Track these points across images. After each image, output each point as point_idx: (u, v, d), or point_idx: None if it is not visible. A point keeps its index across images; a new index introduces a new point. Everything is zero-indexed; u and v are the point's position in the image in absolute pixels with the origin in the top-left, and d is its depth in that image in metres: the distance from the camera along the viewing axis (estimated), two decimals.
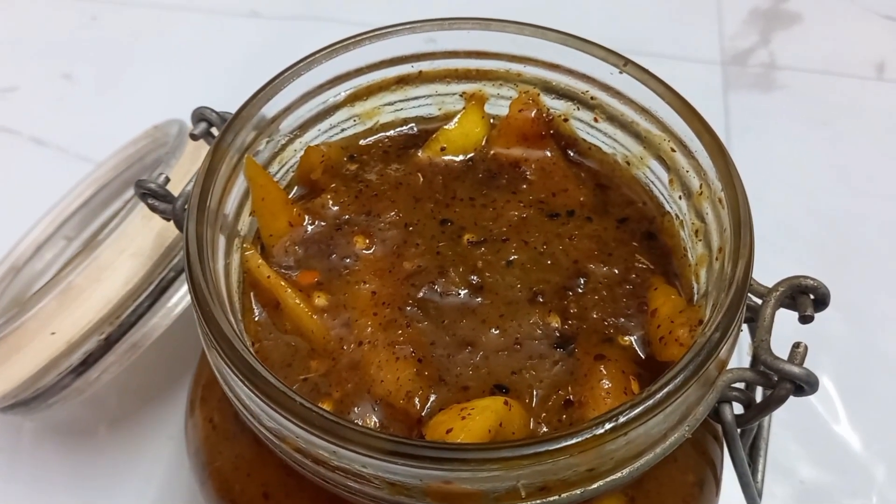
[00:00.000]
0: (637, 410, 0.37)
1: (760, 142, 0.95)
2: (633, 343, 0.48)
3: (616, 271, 0.51)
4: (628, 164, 0.55)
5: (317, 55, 0.52)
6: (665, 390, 0.37)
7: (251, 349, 0.46)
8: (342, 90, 0.55)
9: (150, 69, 1.04)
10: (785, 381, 0.40)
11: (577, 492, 0.38)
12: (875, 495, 0.69)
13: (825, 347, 0.75)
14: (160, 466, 0.71)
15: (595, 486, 0.39)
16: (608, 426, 0.36)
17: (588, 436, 0.36)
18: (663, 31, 1.09)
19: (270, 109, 0.51)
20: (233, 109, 0.51)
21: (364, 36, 0.53)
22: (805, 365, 0.40)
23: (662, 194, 0.53)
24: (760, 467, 0.50)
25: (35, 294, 0.57)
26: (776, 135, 0.95)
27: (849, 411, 0.73)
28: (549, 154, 0.56)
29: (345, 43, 0.52)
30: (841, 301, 0.44)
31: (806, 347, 0.41)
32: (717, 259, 0.45)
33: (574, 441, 0.36)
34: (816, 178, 0.90)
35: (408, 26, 0.53)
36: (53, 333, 0.56)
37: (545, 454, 0.36)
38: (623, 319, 0.49)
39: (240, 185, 0.50)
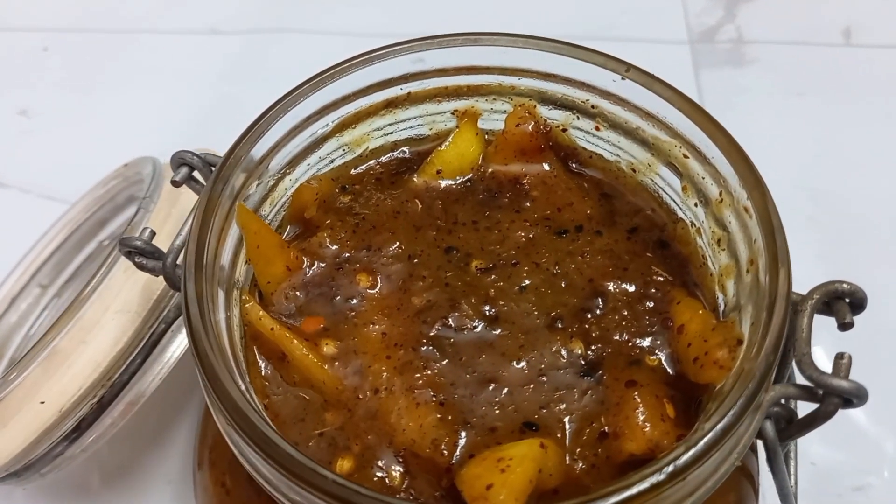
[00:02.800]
0: (697, 450, 0.34)
1: (739, 119, 0.91)
2: (662, 362, 0.45)
3: (634, 287, 0.48)
4: (634, 171, 0.53)
5: (303, 88, 0.49)
6: (721, 426, 0.35)
7: (263, 413, 0.43)
8: (330, 120, 0.52)
9: (110, 97, 1.00)
10: (832, 396, 0.38)
11: None
12: (887, 470, 0.68)
13: (825, 323, 0.73)
14: None
15: None
16: (670, 470, 0.34)
17: (647, 486, 0.34)
18: (626, 14, 1.06)
19: (258, 150, 0.48)
20: (200, 136, 0.49)
21: (350, 63, 0.50)
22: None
23: (674, 201, 0.51)
24: (793, 470, 0.48)
25: (18, 363, 0.54)
26: (753, 110, 0.94)
27: None
28: (548, 167, 0.54)
29: (331, 73, 0.49)
30: (839, 274, 0.42)
31: (850, 358, 0.39)
32: (748, 271, 0.43)
33: (635, 491, 0.33)
34: (799, 150, 0.89)
35: (394, 48, 0.50)
36: (42, 402, 0.53)
37: None
38: (648, 338, 0.46)
39: (233, 233, 0.47)
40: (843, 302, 0.42)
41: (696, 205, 0.49)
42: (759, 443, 0.43)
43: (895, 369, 0.72)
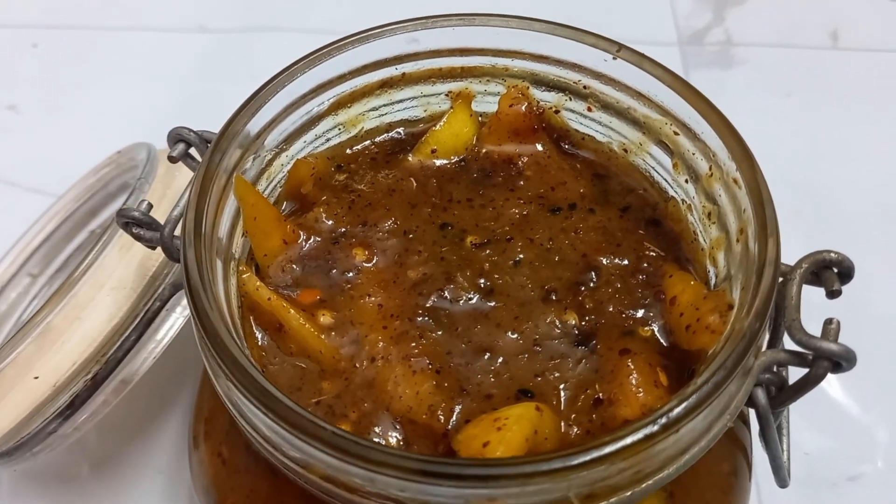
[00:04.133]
0: (689, 403, 0.35)
1: (728, 118, 0.94)
2: (655, 333, 0.46)
3: (627, 262, 0.49)
4: (626, 151, 0.53)
5: (298, 64, 0.50)
6: (713, 381, 0.36)
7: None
8: (325, 98, 0.52)
9: (99, 93, 1.00)
10: (822, 360, 0.39)
11: (627, 494, 0.37)
12: (880, 459, 0.68)
13: (810, 313, 0.74)
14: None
15: (644, 486, 0.37)
16: (663, 422, 0.34)
17: (640, 436, 0.34)
18: (615, 16, 1.07)
19: (255, 125, 0.48)
20: (190, 127, 0.49)
21: (346, 41, 0.51)
22: None
23: (665, 179, 0.52)
24: (785, 447, 0.49)
25: (10, 340, 0.54)
26: (742, 110, 0.93)
27: (841, 377, 0.72)
28: (541, 148, 0.54)
29: (327, 50, 0.50)
30: None
31: (839, 323, 0.40)
32: (738, 241, 0.44)
33: (629, 441, 0.34)
34: (787, 149, 0.90)
35: (389, 27, 0.51)
36: (36, 378, 0.53)
37: (598, 460, 0.34)
38: (641, 310, 0.47)
39: (230, 206, 0.47)
40: (830, 271, 0.43)
41: (686, 181, 0.49)
42: (753, 419, 0.44)
43: (884, 358, 0.73)
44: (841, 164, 0.90)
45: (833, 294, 0.42)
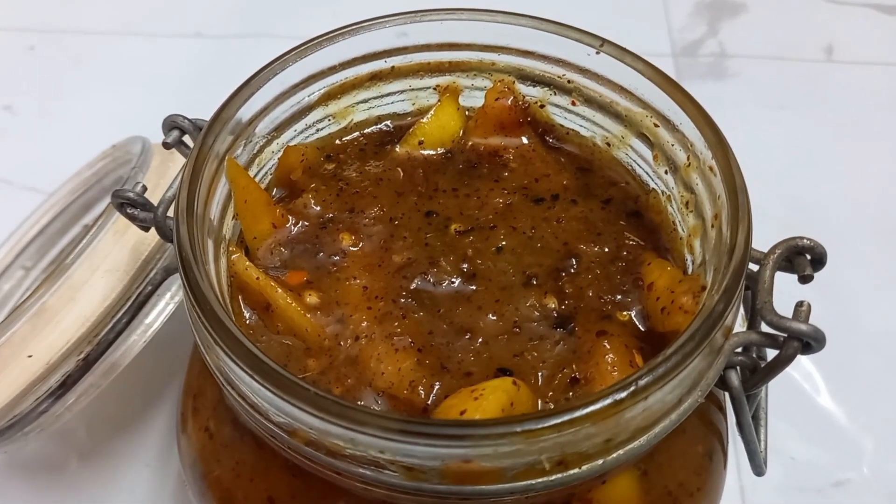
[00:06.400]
0: (657, 372, 0.36)
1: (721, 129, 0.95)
2: (633, 318, 0.48)
3: (607, 250, 0.51)
4: (608, 145, 0.55)
5: (291, 53, 0.51)
6: (682, 352, 0.37)
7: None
8: (316, 89, 0.54)
9: (94, 96, 1.01)
10: (792, 340, 0.40)
11: (599, 462, 0.38)
12: (865, 466, 0.69)
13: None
14: (138, 496, 0.69)
15: (614, 455, 0.38)
16: (631, 389, 0.36)
17: (609, 401, 0.36)
18: (610, 27, 1.08)
19: (247, 111, 0.50)
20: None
21: (336, 32, 0.52)
22: None
23: (646, 172, 0.53)
24: (762, 437, 0.50)
25: (5, 320, 0.55)
26: (735, 121, 0.95)
27: (829, 385, 0.73)
28: (526, 141, 0.56)
29: (319, 40, 0.52)
30: (812, 283, 0.44)
31: (809, 306, 0.41)
32: (712, 226, 0.45)
33: (598, 406, 0.35)
34: (779, 161, 0.91)
35: (379, 20, 0.53)
36: (30, 356, 0.54)
37: (568, 423, 0.35)
38: (619, 296, 0.48)
39: (222, 189, 0.48)
40: (803, 257, 0.44)
41: (666, 172, 0.51)
42: (730, 409, 0.45)
43: (872, 370, 0.75)
44: (834, 177, 0.90)
45: (805, 279, 0.43)
